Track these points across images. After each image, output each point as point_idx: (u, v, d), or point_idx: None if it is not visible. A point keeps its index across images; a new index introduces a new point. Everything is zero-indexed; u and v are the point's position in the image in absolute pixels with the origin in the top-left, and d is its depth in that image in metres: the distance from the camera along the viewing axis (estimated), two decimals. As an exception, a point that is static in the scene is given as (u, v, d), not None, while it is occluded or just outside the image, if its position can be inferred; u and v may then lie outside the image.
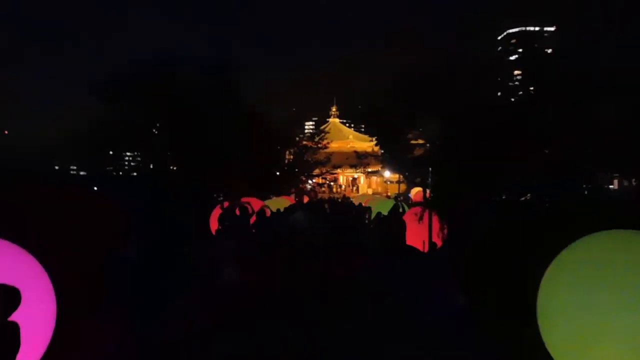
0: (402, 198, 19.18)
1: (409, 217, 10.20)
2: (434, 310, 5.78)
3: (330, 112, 53.71)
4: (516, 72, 21.64)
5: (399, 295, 6.46)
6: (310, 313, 5.72)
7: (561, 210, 7.39)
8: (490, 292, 5.25)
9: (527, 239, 5.21)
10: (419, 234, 10.87)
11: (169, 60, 16.93)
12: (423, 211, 10.73)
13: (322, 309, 5.87)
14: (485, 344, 4.94)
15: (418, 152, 21.87)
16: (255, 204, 10.28)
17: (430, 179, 10.66)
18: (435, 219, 10.78)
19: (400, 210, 9.24)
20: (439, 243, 11.04)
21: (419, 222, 10.56)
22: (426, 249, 10.91)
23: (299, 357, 4.59)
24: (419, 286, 6.68)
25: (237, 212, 8.28)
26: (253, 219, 8.27)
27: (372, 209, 13.84)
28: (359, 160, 34.04)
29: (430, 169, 10.59)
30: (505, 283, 5.04)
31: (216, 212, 10.60)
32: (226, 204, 9.97)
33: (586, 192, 17.83)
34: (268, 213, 9.42)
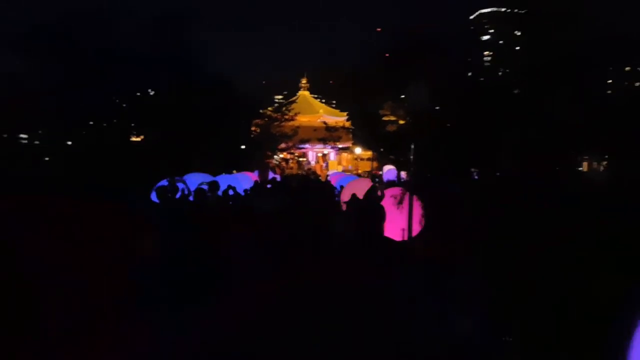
0: (378, 180, 17.63)
1: (387, 201, 8.61)
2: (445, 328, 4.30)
3: (300, 85, 50.85)
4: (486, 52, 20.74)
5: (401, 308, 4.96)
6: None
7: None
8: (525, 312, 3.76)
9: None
10: (397, 220, 9.33)
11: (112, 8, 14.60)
12: (403, 194, 9.19)
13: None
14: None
15: (390, 128, 20.53)
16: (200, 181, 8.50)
17: (412, 156, 9.10)
18: (416, 203, 9.26)
19: (379, 193, 7.59)
20: (418, 230, 9.57)
21: (397, 207, 9.02)
22: (405, 237, 9.43)
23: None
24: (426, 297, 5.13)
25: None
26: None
27: (344, 188, 12.24)
28: (329, 133, 32.48)
29: (412, 145, 9.02)
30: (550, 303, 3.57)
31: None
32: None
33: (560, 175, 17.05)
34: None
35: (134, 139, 18.30)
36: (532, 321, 3.95)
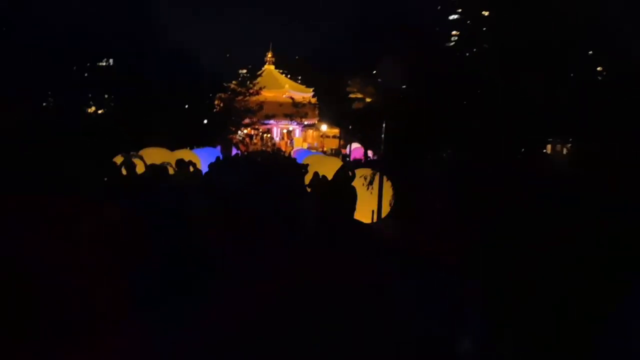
0: (348, 159, 17.22)
1: (356, 182, 8.25)
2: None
3: (265, 59, 49.55)
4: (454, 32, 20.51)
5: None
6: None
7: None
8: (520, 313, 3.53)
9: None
10: (367, 202, 9.00)
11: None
12: (373, 175, 8.85)
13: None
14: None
15: (358, 105, 20.19)
16: (156, 158, 7.88)
17: (383, 135, 8.76)
18: (387, 184, 8.94)
19: (350, 174, 7.20)
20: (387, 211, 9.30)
21: (367, 188, 8.68)
22: (375, 219, 9.13)
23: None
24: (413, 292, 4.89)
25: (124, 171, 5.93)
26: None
27: (309, 167, 11.78)
28: (295, 109, 31.87)
29: (383, 124, 8.68)
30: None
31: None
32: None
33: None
34: (171, 171, 7.05)
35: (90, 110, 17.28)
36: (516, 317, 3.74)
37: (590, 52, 17.48)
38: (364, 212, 8.69)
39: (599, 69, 17.23)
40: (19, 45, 12.59)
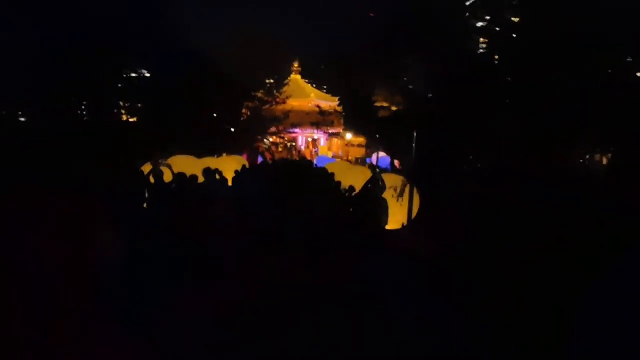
0: (379, 169, 16.97)
1: (386, 193, 8.05)
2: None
3: (291, 68, 49.89)
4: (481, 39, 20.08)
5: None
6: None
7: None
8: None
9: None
10: (396, 212, 8.77)
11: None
12: (404, 185, 8.63)
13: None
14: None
15: (383, 114, 19.97)
16: (184, 165, 7.83)
17: (414, 144, 8.57)
18: (416, 195, 8.70)
19: (380, 184, 7.03)
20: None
21: (397, 199, 8.46)
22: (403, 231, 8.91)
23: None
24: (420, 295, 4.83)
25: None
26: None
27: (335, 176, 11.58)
28: (321, 117, 32.00)
29: (414, 133, 8.48)
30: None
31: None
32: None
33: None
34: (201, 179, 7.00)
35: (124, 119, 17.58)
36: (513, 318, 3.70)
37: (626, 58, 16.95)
38: (394, 222, 8.48)
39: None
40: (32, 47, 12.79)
